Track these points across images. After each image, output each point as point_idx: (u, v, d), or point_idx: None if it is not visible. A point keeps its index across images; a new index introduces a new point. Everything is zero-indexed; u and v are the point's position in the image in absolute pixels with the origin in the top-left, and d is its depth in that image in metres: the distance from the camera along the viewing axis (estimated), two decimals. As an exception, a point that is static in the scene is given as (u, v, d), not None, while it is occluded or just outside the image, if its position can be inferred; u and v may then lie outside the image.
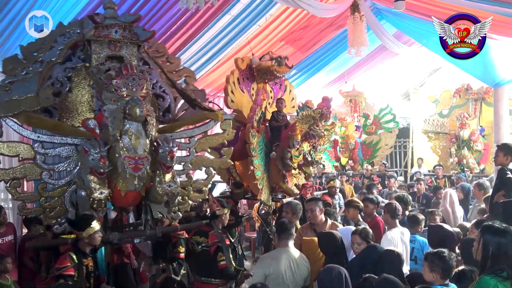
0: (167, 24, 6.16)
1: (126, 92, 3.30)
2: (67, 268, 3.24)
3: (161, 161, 3.40)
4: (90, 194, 3.27)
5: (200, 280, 4.33)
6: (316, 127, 5.55)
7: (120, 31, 3.64)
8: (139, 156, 3.35)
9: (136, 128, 3.37)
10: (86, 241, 3.34)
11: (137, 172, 3.35)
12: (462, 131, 10.15)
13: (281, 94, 6.50)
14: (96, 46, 3.63)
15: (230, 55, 7.86)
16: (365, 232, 3.50)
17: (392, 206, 4.38)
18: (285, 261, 3.29)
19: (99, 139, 3.30)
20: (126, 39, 3.68)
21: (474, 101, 11.09)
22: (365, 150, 11.76)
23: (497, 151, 4.84)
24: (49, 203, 3.46)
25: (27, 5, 4.56)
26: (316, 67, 10.42)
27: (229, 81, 5.64)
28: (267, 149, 5.71)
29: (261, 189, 5.43)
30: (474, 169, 10.10)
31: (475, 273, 2.79)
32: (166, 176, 3.51)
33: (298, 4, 5.91)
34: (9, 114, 3.28)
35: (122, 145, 3.31)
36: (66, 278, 3.21)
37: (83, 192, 3.30)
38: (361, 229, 3.55)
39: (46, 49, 3.55)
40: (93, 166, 3.21)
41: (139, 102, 3.30)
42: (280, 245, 3.44)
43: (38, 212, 3.50)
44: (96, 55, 3.63)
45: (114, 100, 3.29)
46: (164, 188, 3.51)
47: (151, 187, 3.55)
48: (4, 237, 4.58)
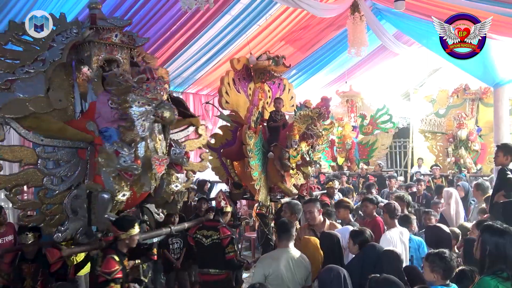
0: (167, 24, 6.16)
1: (154, 96, 3.38)
2: (117, 271, 3.23)
3: (176, 162, 3.56)
4: (113, 196, 3.30)
5: (209, 272, 4.38)
6: (314, 127, 5.50)
7: (119, 35, 3.75)
8: (161, 158, 3.46)
9: (158, 131, 3.48)
10: (126, 242, 3.38)
11: (160, 172, 3.48)
12: (460, 131, 10.15)
13: (280, 93, 6.46)
14: (96, 48, 3.68)
15: (230, 55, 7.85)
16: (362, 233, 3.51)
17: (391, 206, 4.39)
18: (285, 261, 3.29)
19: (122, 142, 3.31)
20: (123, 44, 3.79)
21: (471, 101, 11.11)
22: (361, 150, 11.76)
23: (497, 151, 4.84)
24: (50, 210, 3.46)
25: (27, 5, 4.56)
26: (316, 67, 10.43)
27: (223, 82, 5.57)
28: (264, 149, 5.67)
29: (259, 190, 5.39)
30: (471, 169, 10.11)
31: (475, 273, 2.79)
32: (173, 176, 3.67)
33: (298, 4, 5.90)
34: (19, 115, 3.25)
35: (148, 147, 3.40)
36: (116, 281, 3.22)
37: (106, 194, 3.30)
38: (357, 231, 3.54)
39: (43, 47, 3.53)
40: (125, 168, 3.23)
41: (169, 105, 3.40)
42: (280, 246, 3.44)
43: (40, 220, 3.48)
44: (96, 57, 3.68)
45: (142, 103, 3.31)
46: (172, 188, 3.69)
47: (158, 188, 3.65)
48: (4, 237, 4.58)
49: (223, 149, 5.94)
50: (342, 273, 2.72)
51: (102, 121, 3.55)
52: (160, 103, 3.36)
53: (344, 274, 2.73)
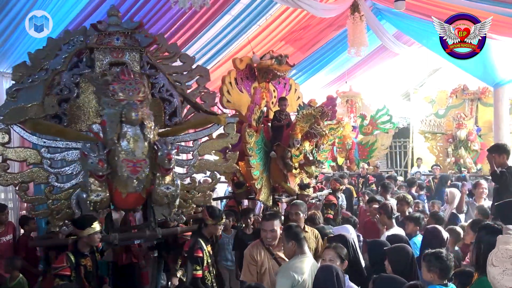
0: (167, 24, 6.16)
1: (123, 97, 3.36)
2: (63, 268, 3.30)
3: (160, 163, 3.46)
4: (87, 196, 3.36)
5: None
6: (318, 126, 5.46)
7: (122, 38, 3.75)
8: (137, 159, 3.40)
9: (134, 132, 3.41)
10: (85, 241, 3.41)
11: (135, 174, 3.40)
12: (459, 131, 10.16)
13: (286, 93, 6.44)
14: (99, 54, 3.72)
15: (230, 55, 7.85)
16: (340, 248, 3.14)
17: (388, 207, 4.41)
18: (309, 270, 3.06)
19: (99, 143, 3.39)
20: (128, 46, 3.78)
21: (470, 101, 11.16)
22: (361, 150, 11.75)
23: (489, 155, 4.83)
24: (56, 206, 3.55)
25: (27, 5, 4.56)
26: (316, 67, 10.43)
27: (224, 81, 5.59)
28: (267, 148, 5.63)
29: (260, 189, 5.37)
30: (471, 169, 10.14)
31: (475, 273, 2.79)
32: (165, 178, 3.56)
33: (298, 4, 5.91)
34: (16, 121, 3.41)
35: (121, 149, 3.37)
36: (62, 277, 3.28)
37: (84, 194, 3.39)
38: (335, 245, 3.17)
39: (51, 56, 3.63)
40: (92, 169, 3.30)
41: (134, 106, 3.35)
42: (296, 252, 3.16)
43: (46, 214, 3.61)
44: (99, 62, 3.72)
45: (111, 105, 3.35)
46: (162, 191, 3.55)
47: (152, 189, 3.60)
48: (3, 237, 4.59)
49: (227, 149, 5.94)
50: (335, 271, 2.69)
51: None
52: (126, 104, 3.34)
53: (337, 272, 2.69)
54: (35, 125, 3.46)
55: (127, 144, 3.38)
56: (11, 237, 4.68)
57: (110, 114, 3.36)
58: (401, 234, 4.14)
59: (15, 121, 3.40)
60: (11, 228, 4.76)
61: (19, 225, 5.04)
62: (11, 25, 4.76)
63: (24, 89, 3.47)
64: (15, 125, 3.42)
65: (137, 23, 3.81)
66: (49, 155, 3.53)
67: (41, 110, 3.45)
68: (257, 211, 6.83)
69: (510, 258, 2.09)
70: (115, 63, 3.79)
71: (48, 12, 4.51)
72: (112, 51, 3.74)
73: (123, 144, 3.38)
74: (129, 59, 3.81)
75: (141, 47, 3.83)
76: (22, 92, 3.46)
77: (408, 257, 2.96)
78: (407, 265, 2.91)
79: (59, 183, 3.57)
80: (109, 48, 3.73)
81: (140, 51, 3.86)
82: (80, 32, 3.78)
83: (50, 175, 3.52)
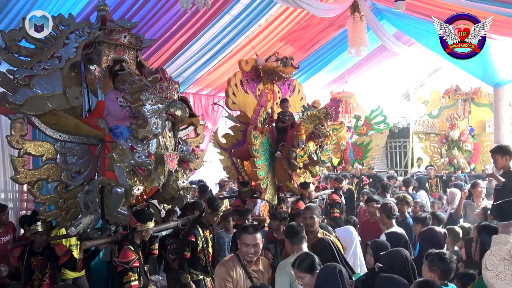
0: (167, 24, 6.15)
1: (169, 95, 3.48)
2: (134, 260, 3.38)
3: (184, 159, 3.73)
4: (128, 190, 3.44)
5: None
6: (322, 126, 5.55)
7: (128, 36, 3.87)
8: (172, 154, 3.63)
9: (168, 129, 3.63)
10: (143, 234, 3.54)
11: (173, 168, 3.64)
12: (452, 131, 10.19)
13: (290, 94, 6.52)
14: (106, 48, 3.77)
15: (230, 55, 7.85)
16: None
17: (388, 207, 4.38)
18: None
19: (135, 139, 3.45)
20: (131, 45, 3.91)
21: (463, 102, 11.24)
22: (356, 150, 11.75)
23: (493, 155, 4.82)
24: (66, 205, 3.57)
25: (27, 5, 4.56)
26: (316, 67, 10.41)
27: (230, 83, 5.67)
28: (272, 149, 5.73)
29: (265, 189, 5.49)
30: (464, 169, 10.17)
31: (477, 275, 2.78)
32: (180, 173, 3.83)
33: (298, 4, 5.90)
34: (39, 112, 3.32)
35: (159, 144, 3.54)
36: (134, 270, 3.36)
37: (119, 189, 3.43)
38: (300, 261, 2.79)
39: (58, 45, 3.56)
40: (139, 163, 3.39)
41: (181, 104, 3.51)
42: (294, 250, 3.21)
43: (57, 214, 3.58)
44: (105, 56, 3.77)
45: (155, 101, 3.41)
46: (180, 184, 3.87)
47: (165, 183, 3.78)
48: (3, 237, 4.58)
49: (233, 149, 6.07)
50: (338, 269, 2.66)
51: (112, 119, 3.69)
52: (172, 102, 3.48)
53: (340, 269, 2.65)
54: (56, 118, 3.39)
55: (163, 140, 3.57)
56: (11, 237, 4.67)
57: (155, 110, 3.39)
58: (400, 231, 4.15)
59: (37, 111, 3.28)
60: (11, 228, 4.76)
61: (19, 225, 5.03)
62: (11, 25, 4.75)
63: (38, 76, 3.33)
64: (34, 117, 3.31)
65: (134, 24, 3.98)
66: (63, 150, 3.53)
67: (63, 101, 3.39)
68: (257, 211, 6.87)
69: (504, 261, 2.07)
70: (116, 59, 3.87)
71: (48, 12, 4.50)
72: (116, 48, 3.83)
73: (161, 140, 3.55)
74: (128, 57, 3.92)
75: (141, 47, 3.96)
76: (37, 79, 3.31)
77: (402, 261, 2.86)
78: (402, 270, 2.78)
79: (70, 180, 3.60)
80: (114, 44, 3.81)
81: (136, 51, 3.99)
82: (84, 23, 3.80)
83: (63, 171, 3.51)
